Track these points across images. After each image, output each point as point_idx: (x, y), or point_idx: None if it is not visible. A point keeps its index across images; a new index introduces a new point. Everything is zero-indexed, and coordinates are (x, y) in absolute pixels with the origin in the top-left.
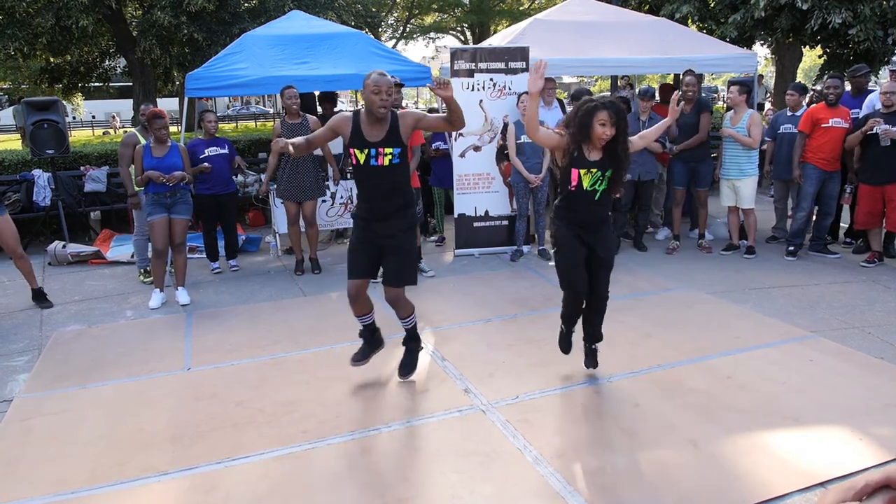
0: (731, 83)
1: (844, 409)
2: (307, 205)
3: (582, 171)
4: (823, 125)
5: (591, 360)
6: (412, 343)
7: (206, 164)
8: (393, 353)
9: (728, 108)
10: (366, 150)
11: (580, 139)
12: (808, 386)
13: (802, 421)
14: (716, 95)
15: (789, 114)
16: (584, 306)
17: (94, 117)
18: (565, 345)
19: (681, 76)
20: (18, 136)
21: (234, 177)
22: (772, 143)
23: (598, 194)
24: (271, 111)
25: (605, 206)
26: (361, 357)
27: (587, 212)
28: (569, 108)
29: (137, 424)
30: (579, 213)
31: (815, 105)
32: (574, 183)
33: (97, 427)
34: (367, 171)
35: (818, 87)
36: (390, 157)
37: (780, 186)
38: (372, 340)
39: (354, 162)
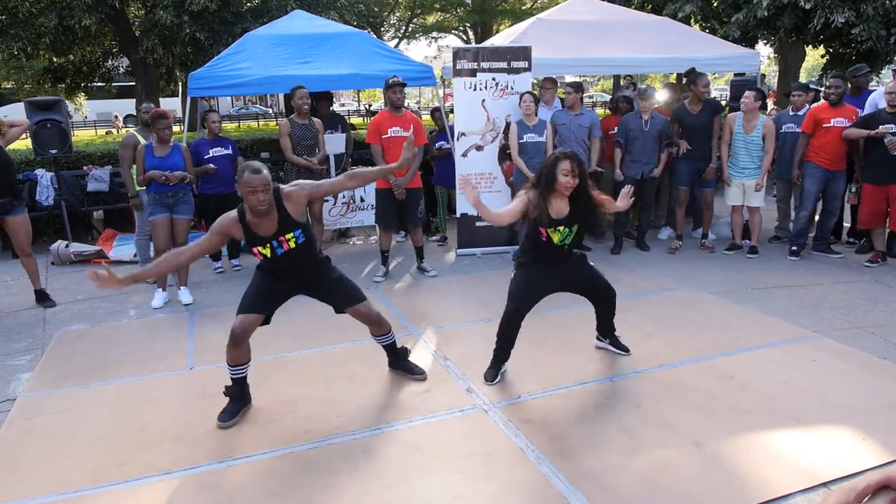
0: (734, 81)
1: (847, 410)
2: (315, 203)
3: (550, 231)
4: (825, 125)
5: (619, 344)
6: (400, 351)
7: (210, 165)
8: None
9: (731, 109)
10: (268, 245)
11: (546, 194)
12: (811, 386)
13: (805, 421)
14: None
15: (792, 113)
16: (598, 306)
17: (86, 118)
18: (491, 375)
19: (686, 76)
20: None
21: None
22: (776, 143)
23: (567, 246)
24: (271, 111)
25: (573, 249)
26: (230, 417)
27: (556, 257)
28: (567, 100)
29: (140, 423)
30: (548, 258)
31: (817, 105)
32: (544, 237)
33: (100, 426)
34: (280, 259)
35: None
36: (294, 239)
37: (784, 186)
38: (241, 396)
39: (261, 258)
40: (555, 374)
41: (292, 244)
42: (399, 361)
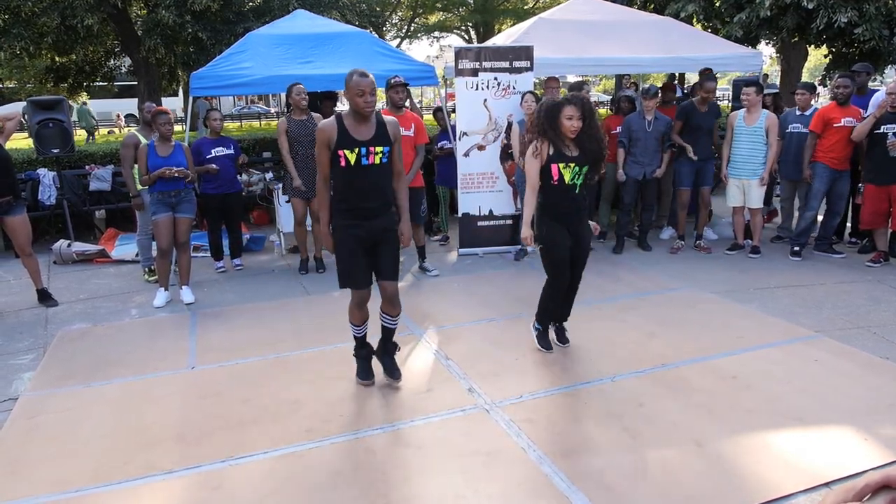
0: (736, 82)
1: (849, 410)
2: (314, 201)
3: (561, 166)
4: (836, 125)
5: (564, 336)
6: (390, 344)
7: (212, 165)
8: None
9: (734, 108)
10: (356, 150)
11: (553, 136)
12: (813, 386)
13: (807, 421)
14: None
15: (798, 113)
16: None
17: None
18: (547, 342)
19: (700, 77)
20: (25, 134)
21: (238, 175)
22: (780, 142)
23: (578, 188)
24: (273, 110)
25: (585, 198)
26: (368, 375)
27: (570, 204)
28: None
29: (142, 423)
30: (563, 207)
31: (825, 105)
32: (556, 178)
33: (102, 425)
34: (358, 170)
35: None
36: (380, 155)
37: (787, 186)
38: (366, 353)
39: (344, 163)
40: (556, 373)
41: (377, 160)
42: (384, 354)
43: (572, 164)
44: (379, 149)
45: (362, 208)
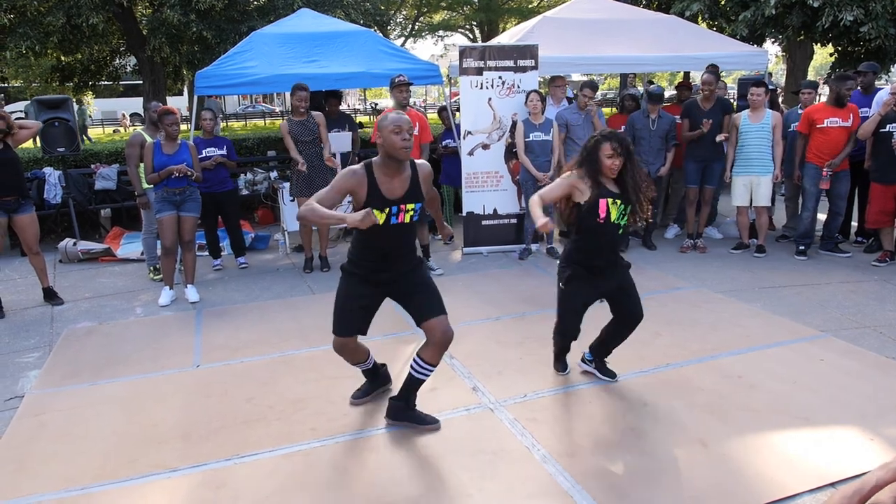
0: (742, 81)
1: (855, 409)
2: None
3: (609, 201)
4: (819, 125)
5: (606, 370)
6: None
7: (207, 161)
8: (402, 350)
9: (741, 108)
10: (386, 210)
11: (594, 174)
12: (819, 385)
13: (812, 420)
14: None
15: (801, 111)
16: (617, 325)
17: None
18: (562, 363)
19: (701, 74)
20: None
21: (238, 175)
22: (783, 141)
23: (621, 229)
24: (277, 109)
25: (623, 244)
26: (362, 395)
27: (610, 248)
28: (576, 101)
29: (147, 421)
30: (601, 252)
31: (812, 105)
32: (602, 215)
33: (107, 423)
34: (385, 231)
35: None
36: (412, 213)
37: (792, 184)
38: (375, 378)
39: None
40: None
41: (408, 218)
42: (407, 405)
43: (619, 202)
44: (411, 206)
45: (380, 267)
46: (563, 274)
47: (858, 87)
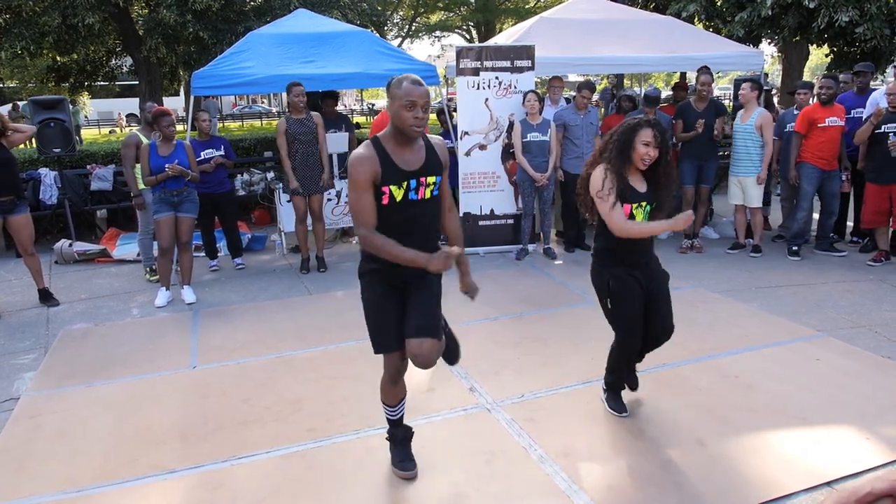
0: (738, 80)
1: (851, 409)
2: (314, 199)
3: (634, 206)
4: (820, 125)
5: (633, 380)
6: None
7: (206, 164)
8: None
9: (737, 108)
10: (404, 184)
11: (620, 166)
12: (815, 385)
13: (809, 420)
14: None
15: (796, 112)
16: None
17: (87, 116)
18: (620, 404)
19: (696, 74)
20: None
21: (234, 175)
22: (778, 142)
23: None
24: (274, 110)
25: (653, 238)
26: (410, 463)
27: (643, 248)
28: (573, 102)
29: (144, 422)
30: (636, 252)
31: (809, 105)
32: (626, 216)
33: (104, 425)
34: (403, 208)
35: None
36: (432, 187)
37: (787, 185)
38: (403, 434)
39: (387, 201)
40: (558, 372)
41: (428, 193)
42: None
43: (644, 204)
44: (431, 179)
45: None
46: (603, 279)
47: (854, 89)
